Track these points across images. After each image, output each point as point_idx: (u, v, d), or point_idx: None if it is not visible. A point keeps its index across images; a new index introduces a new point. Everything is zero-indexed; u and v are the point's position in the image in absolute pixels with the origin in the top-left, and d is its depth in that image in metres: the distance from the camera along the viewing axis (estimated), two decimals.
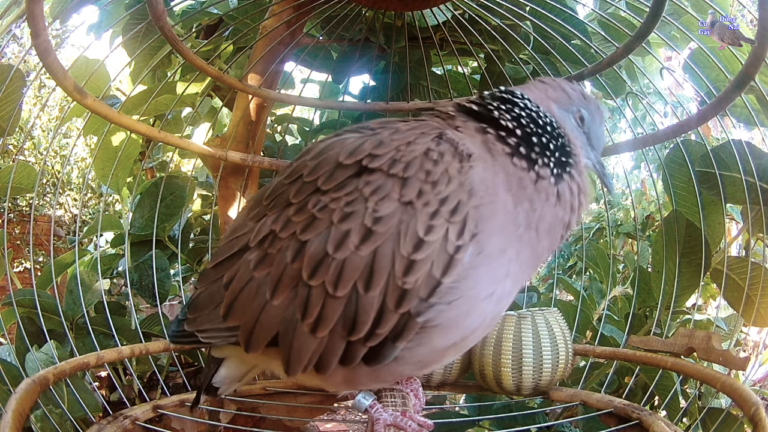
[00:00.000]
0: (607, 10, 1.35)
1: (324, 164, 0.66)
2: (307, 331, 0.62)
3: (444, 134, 0.65)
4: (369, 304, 0.60)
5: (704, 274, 1.15)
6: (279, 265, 0.64)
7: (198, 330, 0.71)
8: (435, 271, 0.59)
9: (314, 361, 0.63)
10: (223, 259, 0.71)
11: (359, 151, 0.64)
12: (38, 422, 1.03)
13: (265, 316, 0.64)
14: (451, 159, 0.62)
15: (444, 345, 0.64)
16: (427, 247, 0.59)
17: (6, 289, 1.22)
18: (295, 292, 0.63)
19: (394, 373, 0.67)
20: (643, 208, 2.76)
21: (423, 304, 0.60)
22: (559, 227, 0.68)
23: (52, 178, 4.38)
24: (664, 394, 1.22)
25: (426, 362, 0.67)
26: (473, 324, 0.64)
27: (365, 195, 0.61)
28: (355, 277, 0.60)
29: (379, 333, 0.60)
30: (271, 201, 0.69)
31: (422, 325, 0.61)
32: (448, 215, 0.60)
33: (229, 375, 0.81)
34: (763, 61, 0.79)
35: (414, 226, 0.59)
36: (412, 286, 0.59)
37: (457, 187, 0.61)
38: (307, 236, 0.63)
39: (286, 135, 1.79)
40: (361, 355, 0.62)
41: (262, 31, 1.38)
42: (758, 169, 1.02)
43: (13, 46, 3.95)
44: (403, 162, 0.62)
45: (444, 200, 0.60)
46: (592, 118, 0.76)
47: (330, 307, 0.61)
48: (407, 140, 0.64)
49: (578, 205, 0.69)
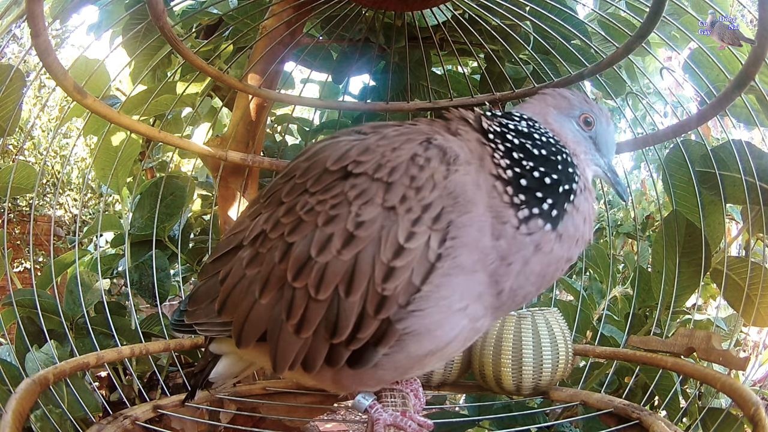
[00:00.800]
0: (607, 10, 1.35)
1: (314, 167, 0.67)
2: (292, 331, 0.63)
3: (432, 139, 0.64)
4: (350, 309, 0.60)
5: (704, 274, 1.15)
6: (268, 265, 0.65)
7: (195, 323, 0.73)
8: (414, 278, 0.59)
9: (300, 361, 0.63)
10: (221, 255, 0.72)
11: (345, 157, 0.65)
12: (38, 422, 1.03)
13: (254, 314, 0.66)
14: (438, 165, 0.61)
15: (418, 353, 0.63)
16: (408, 255, 0.59)
17: (6, 289, 1.22)
18: (282, 292, 0.64)
19: (375, 378, 0.68)
20: (643, 208, 2.76)
21: (402, 311, 0.60)
22: (559, 265, 0.66)
23: (52, 178, 4.38)
24: (664, 394, 1.22)
25: (404, 368, 0.66)
26: (446, 335, 0.63)
27: (349, 198, 0.61)
28: (336, 282, 0.60)
29: (360, 338, 0.61)
30: (266, 199, 0.71)
31: (401, 332, 0.61)
32: (430, 222, 0.59)
33: (226, 371, 0.82)
34: (763, 61, 0.79)
35: (395, 233, 0.59)
36: (391, 293, 0.59)
37: (442, 192, 0.60)
38: (294, 238, 0.63)
39: (286, 135, 1.79)
40: (344, 358, 0.62)
41: (262, 31, 1.38)
42: (758, 169, 1.02)
43: (13, 46, 3.95)
44: (388, 167, 0.61)
45: (427, 207, 0.59)
46: (598, 120, 0.73)
47: (312, 309, 0.61)
48: (393, 146, 0.64)
49: (582, 237, 0.67)
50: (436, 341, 0.63)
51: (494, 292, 0.63)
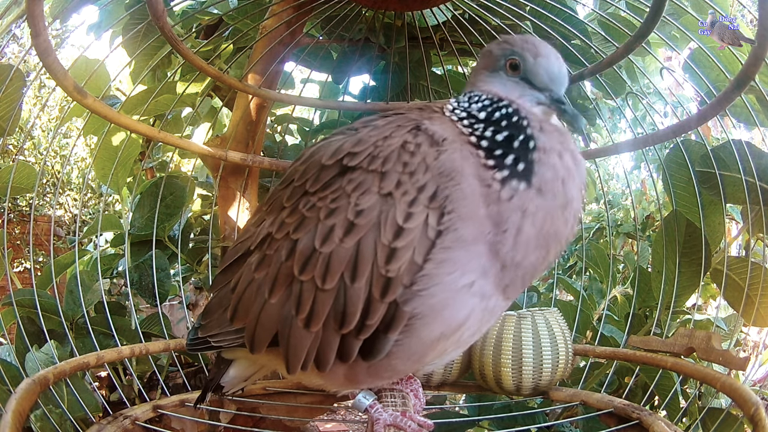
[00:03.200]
0: (607, 10, 1.35)
1: (311, 168, 0.68)
2: (302, 326, 0.64)
3: (421, 125, 0.66)
4: (356, 295, 0.61)
5: (704, 274, 1.15)
6: (275, 265, 0.67)
7: (209, 335, 0.75)
8: (417, 257, 0.60)
9: (312, 358, 0.64)
10: (230, 264, 0.75)
11: (339, 151, 0.66)
12: (38, 422, 1.03)
13: (264, 315, 0.67)
14: (428, 149, 0.63)
15: (430, 336, 0.63)
16: (408, 234, 0.60)
17: (6, 289, 1.22)
18: (290, 289, 0.65)
19: (390, 369, 0.67)
20: (643, 208, 2.76)
21: (408, 292, 0.60)
22: (555, 218, 0.63)
23: (52, 178, 4.38)
24: (664, 394, 1.22)
25: (418, 356, 0.66)
26: (456, 316, 0.63)
27: (348, 191, 0.63)
28: (341, 269, 0.61)
29: (369, 324, 0.61)
30: (268, 206, 0.73)
31: (410, 315, 0.61)
32: (427, 202, 0.60)
33: (238, 375, 0.84)
34: (763, 61, 0.79)
35: (393, 215, 0.60)
36: (395, 274, 0.60)
37: (435, 173, 0.61)
38: (298, 235, 0.65)
39: (286, 135, 1.79)
40: (356, 349, 0.63)
41: (262, 31, 1.38)
42: (758, 169, 1.02)
43: (13, 46, 3.95)
44: (381, 157, 0.63)
45: (422, 188, 0.60)
46: (524, 59, 0.68)
47: (320, 300, 0.62)
48: (383, 135, 0.65)
49: (567, 175, 0.63)
50: (445, 323, 0.63)
51: (498, 264, 0.62)
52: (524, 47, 0.69)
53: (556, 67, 0.68)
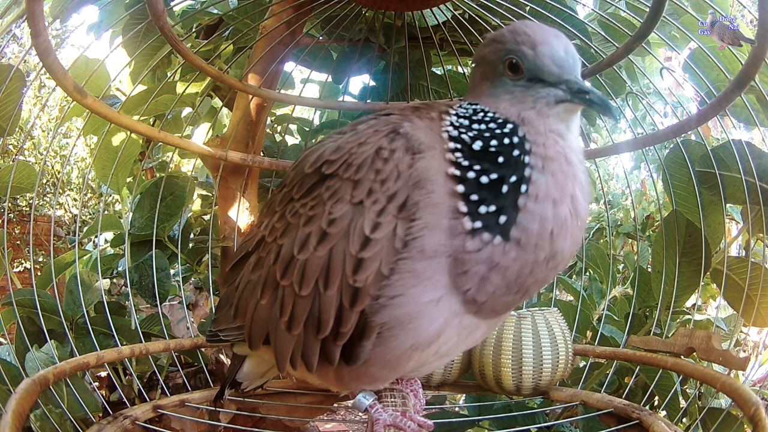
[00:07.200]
0: (607, 10, 1.35)
1: (297, 174, 0.70)
2: (284, 328, 0.65)
3: (399, 128, 0.64)
4: (329, 302, 0.61)
5: (704, 274, 1.15)
6: (266, 267, 0.68)
7: (219, 329, 0.78)
8: (384, 268, 0.59)
9: (297, 358, 0.65)
10: (237, 261, 0.77)
11: (319, 159, 0.67)
12: (38, 422, 1.02)
13: (257, 315, 0.69)
14: (402, 155, 0.61)
15: (400, 347, 0.62)
16: (374, 245, 0.59)
17: (6, 289, 1.22)
18: (276, 292, 0.66)
19: (369, 375, 0.68)
20: (643, 208, 2.76)
21: (376, 304, 0.60)
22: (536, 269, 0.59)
23: (52, 178, 4.38)
24: (664, 394, 1.22)
25: (393, 365, 0.66)
26: (425, 329, 0.61)
27: (324, 199, 0.64)
28: (315, 277, 0.62)
29: (343, 332, 0.62)
30: (267, 209, 0.76)
31: (379, 326, 0.61)
32: (395, 211, 0.59)
33: (251, 371, 0.87)
34: (763, 61, 0.79)
35: (361, 225, 0.60)
36: (362, 285, 0.60)
37: (407, 181, 0.59)
38: (283, 240, 0.67)
39: (286, 135, 1.78)
40: (337, 354, 0.63)
41: (262, 31, 1.38)
42: (758, 169, 1.02)
43: (13, 46, 3.95)
44: (355, 165, 0.63)
45: (392, 196, 0.59)
46: (524, 55, 0.60)
47: (299, 305, 0.63)
48: (359, 141, 0.65)
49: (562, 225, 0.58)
50: (415, 335, 0.62)
51: (459, 295, 0.60)
52: (518, 40, 0.60)
53: (561, 50, 0.59)
